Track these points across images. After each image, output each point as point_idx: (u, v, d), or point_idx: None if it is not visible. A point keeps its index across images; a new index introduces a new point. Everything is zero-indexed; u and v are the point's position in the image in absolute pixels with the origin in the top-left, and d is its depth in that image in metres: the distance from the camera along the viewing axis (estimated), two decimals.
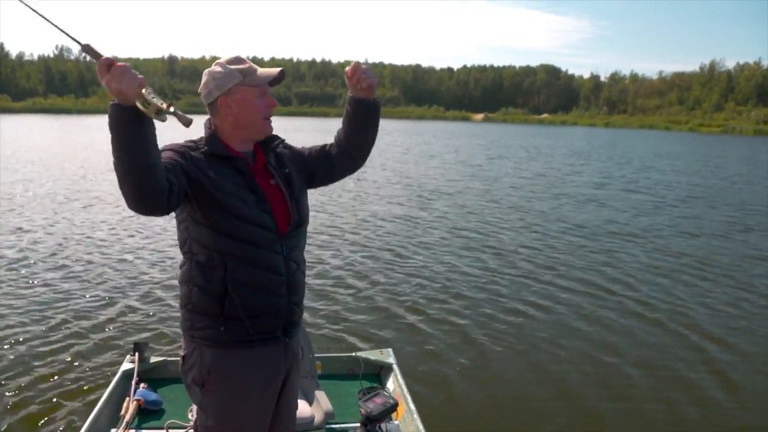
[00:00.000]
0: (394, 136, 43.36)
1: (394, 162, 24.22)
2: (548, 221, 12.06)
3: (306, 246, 2.28)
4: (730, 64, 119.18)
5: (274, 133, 2.17)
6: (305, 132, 42.98)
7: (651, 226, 11.85)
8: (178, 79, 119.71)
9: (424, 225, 11.42)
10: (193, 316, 2.06)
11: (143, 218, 10.94)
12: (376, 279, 7.67)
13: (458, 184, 17.85)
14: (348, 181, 16.92)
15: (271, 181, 2.14)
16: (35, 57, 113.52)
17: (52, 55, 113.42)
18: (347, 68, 2.12)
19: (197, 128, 2.13)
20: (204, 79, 2.08)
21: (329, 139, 2.34)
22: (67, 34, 1.73)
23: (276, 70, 2.08)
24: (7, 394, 4.51)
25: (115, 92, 1.59)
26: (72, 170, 18.22)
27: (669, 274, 8.28)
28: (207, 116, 2.12)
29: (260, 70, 2.07)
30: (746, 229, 11.86)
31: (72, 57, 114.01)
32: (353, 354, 4.10)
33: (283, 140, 2.24)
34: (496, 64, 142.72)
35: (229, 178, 2.00)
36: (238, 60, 2.07)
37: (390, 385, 3.86)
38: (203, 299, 2.03)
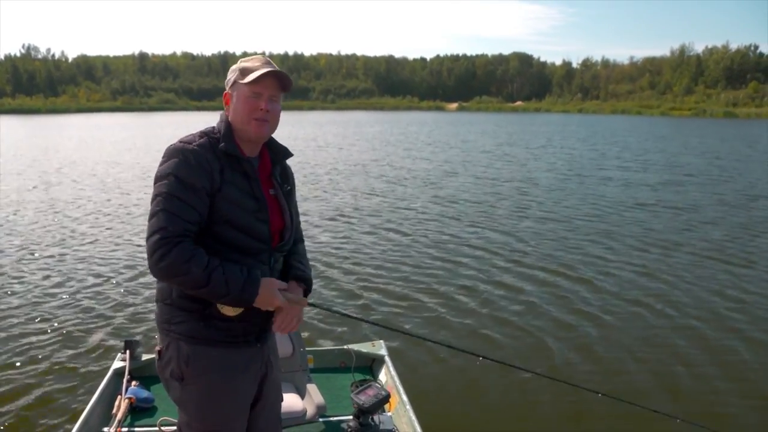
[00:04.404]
0: (380, 127, 43.17)
1: (382, 153, 24.26)
2: (553, 209, 12.17)
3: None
4: (699, 47, 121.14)
5: (288, 148, 2.24)
6: (280, 125, 42.20)
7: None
8: (149, 75, 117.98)
9: (412, 215, 11.42)
10: (172, 311, 2.05)
11: (134, 216, 10.91)
12: (366, 271, 7.65)
13: (453, 171, 17.97)
14: (341, 174, 16.89)
15: (271, 190, 2.14)
16: (1, 57, 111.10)
17: (18, 55, 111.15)
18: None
19: (211, 119, 2.13)
20: None
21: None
22: None
23: (260, 71, 2.03)
24: None
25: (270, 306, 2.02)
26: (62, 170, 17.96)
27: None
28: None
29: (251, 69, 2.07)
30: None
31: (39, 56, 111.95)
32: (345, 347, 4.11)
33: (291, 154, 2.26)
34: (468, 54, 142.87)
35: (235, 184, 2.00)
36: (252, 58, 2.12)
37: (382, 377, 3.87)
38: (184, 297, 2.01)
